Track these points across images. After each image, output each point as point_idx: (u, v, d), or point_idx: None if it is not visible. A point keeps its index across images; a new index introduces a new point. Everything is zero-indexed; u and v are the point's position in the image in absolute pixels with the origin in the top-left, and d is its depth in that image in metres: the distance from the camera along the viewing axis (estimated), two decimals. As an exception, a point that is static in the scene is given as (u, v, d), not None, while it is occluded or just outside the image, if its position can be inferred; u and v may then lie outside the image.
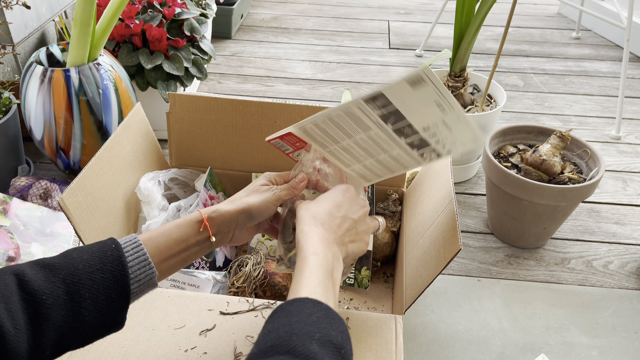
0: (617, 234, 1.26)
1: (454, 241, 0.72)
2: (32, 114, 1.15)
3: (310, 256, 0.55)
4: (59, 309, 0.48)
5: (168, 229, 0.59)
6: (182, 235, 0.59)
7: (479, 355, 0.96)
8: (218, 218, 0.62)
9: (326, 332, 0.48)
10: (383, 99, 0.61)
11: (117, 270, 0.52)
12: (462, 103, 1.37)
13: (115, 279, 0.52)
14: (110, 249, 0.53)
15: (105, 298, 0.51)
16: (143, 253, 0.55)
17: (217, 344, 0.68)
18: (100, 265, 0.52)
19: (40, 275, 0.49)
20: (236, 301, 0.75)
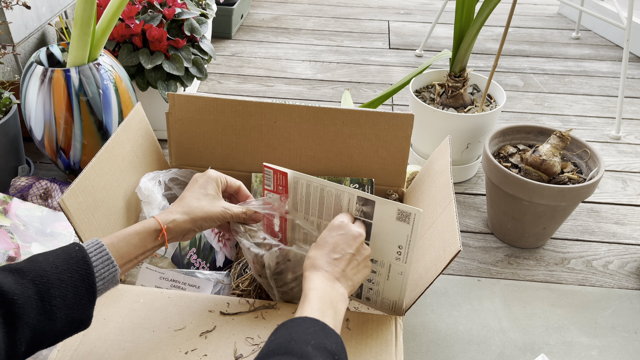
0: (617, 234, 1.26)
1: (454, 242, 0.72)
2: (33, 114, 1.15)
3: (309, 292, 0.61)
4: (31, 307, 0.52)
5: (128, 235, 0.64)
6: (141, 242, 0.65)
7: (479, 355, 0.96)
8: (174, 229, 0.67)
9: (321, 341, 0.53)
10: (370, 206, 0.70)
11: (83, 269, 0.56)
12: (462, 103, 1.37)
13: (81, 277, 0.56)
14: (75, 250, 0.58)
15: (74, 296, 0.55)
16: (106, 253, 0.59)
17: (218, 346, 0.69)
18: (66, 266, 0.56)
19: (9, 278, 0.52)
20: (236, 302, 0.75)
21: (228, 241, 1.03)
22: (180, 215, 0.68)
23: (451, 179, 0.85)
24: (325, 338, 0.54)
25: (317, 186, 0.74)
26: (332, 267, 0.65)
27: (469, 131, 1.31)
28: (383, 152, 1.02)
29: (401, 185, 1.07)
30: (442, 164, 0.92)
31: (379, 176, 1.05)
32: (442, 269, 0.71)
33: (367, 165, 1.04)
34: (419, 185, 1.00)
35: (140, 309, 0.73)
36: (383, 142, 1.01)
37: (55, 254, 0.57)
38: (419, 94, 1.43)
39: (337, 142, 1.02)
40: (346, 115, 0.99)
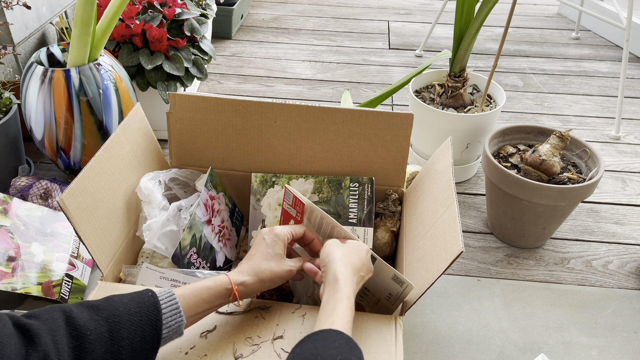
0: (617, 234, 1.26)
1: (456, 243, 0.72)
2: (33, 114, 1.15)
3: (345, 299, 0.63)
4: (100, 345, 0.53)
5: (199, 289, 0.65)
6: (211, 298, 0.66)
7: (479, 355, 0.96)
8: (243, 290, 0.68)
9: (346, 356, 0.54)
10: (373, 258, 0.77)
11: (153, 315, 0.58)
12: (462, 103, 1.37)
13: (150, 322, 0.58)
14: (148, 296, 0.60)
15: (141, 339, 0.56)
16: (175, 302, 0.61)
17: (218, 346, 0.69)
18: (138, 309, 0.58)
19: (85, 314, 0.54)
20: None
21: (228, 241, 1.03)
22: (251, 277, 0.69)
23: (453, 179, 0.85)
24: (350, 353, 0.55)
25: (329, 222, 0.80)
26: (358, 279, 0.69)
27: (468, 131, 1.31)
28: (383, 152, 1.02)
29: (401, 185, 1.07)
30: (443, 164, 0.92)
31: (379, 176, 1.05)
32: (444, 270, 0.71)
33: (366, 164, 1.04)
34: (420, 186, 1.00)
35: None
36: (383, 142, 1.01)
37: (130, 296, 0.59)
38: (418, 94, 1.43)
39: (337, 141, 1.02)
40: (346, 115, 0.99)
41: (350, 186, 1.02)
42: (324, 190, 1.03)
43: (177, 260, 0.90)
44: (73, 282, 0.99)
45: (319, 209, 0.81)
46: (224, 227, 1.02)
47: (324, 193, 1.03)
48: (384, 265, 0.77)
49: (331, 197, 1.02)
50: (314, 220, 0.84)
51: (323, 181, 1.03)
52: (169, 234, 0.91)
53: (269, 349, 0.68)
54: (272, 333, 0.71)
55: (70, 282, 0.98)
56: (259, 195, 1.04)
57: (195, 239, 0.92)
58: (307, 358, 0.53)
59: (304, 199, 0.83)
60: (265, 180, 1.04)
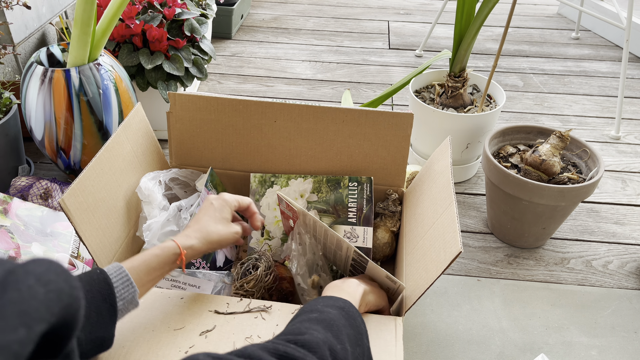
0: (617, 234, 1.26)
1: (454, 243, 0.72)
2: (33, 114, 1.15)
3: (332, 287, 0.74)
4: None
5: (148, 259, 0.67)
6: (160, 264, 0.68)
7: (479, 354, 0.96)
8: (191, 254, 0.72)
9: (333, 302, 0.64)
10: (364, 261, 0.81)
11: (105, 289, 0.60)
12: (462, 103, 1.37)
13: (103, 297, 0.59)
14: (97, 273, 0.61)
15: (97, 315, 0.58)
16: (125, 275, 0.63)
17: (217, 345, 0.69)
18: (89, 287, 0.59)
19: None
20: (236, 302, 0.75)
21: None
22: (198, 240, 0.73)
23: (452, 179, 0.85)
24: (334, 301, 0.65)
25: (322, 227, 0.83)
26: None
27: (468, 131, 1.31)
28: (383, 152, 1.02)
29: (401, 185, 1.07)
30: (442, 164, 0.92)
31: (379, 176, 1.05)
32: (443, 270, 0.71)
33: (367, 164, 1.04)
34: (419, 186, 1.00)
35: (140, 309, 0.73)
36: (383, 142, 1.01)
37: (79, 277, 0.60)
38: (418, 94, 1.43)
39: (337, 141, 1.02)
40: (346, 115, 0.99)
41: (349, 185, 1.02)
42: (323, 189, 1.03)
43: (177, 260, 0.90)
44: (73, 282, 0.98)
45: (311, 215, 0.83)
46: (224, 227, 1.02)
47: (323, 192, 1.03)
48: (377, 267, 0.80)
49: (330, 196, 1.02)
50: (308, 223, 0.86)
51: (322, 181, 1.03)
52: (169, 234, 0.91)
53: (269, 349, 0.68)
54: (272, 333, 0.71)
55: (70, 282, 0.98)
56: (258, 195, 1.04)
57: (196, 239, 0.92)
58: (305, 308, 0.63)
59: (296, 206, 0.85)
60: (264, 180, 1.04)
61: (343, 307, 0.64)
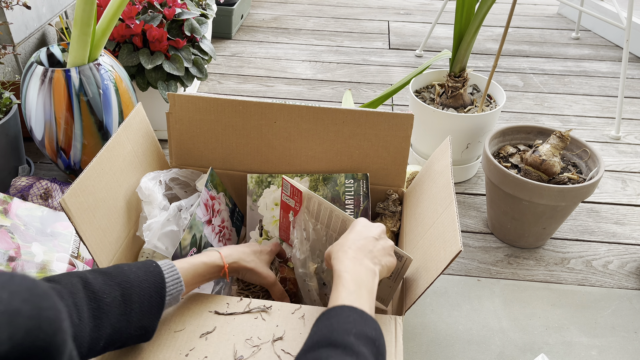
0: (617, 234, 1.26)
1: (454, 242, 0.72)
2: (33, 114, 1.15)
3: (342, 273, 0.65)
4: (116, 307, 0.58)
5: (196, 264, 0.72)
6: (206, 271, 0.73)
7: (479, 354, 0.96)
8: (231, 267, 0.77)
9: (361, 328, 0.56)
10: None
11: (158, 282, 0.64)
12: (462, 103, 1.37)
13: (156, 289, 0.63)
14: (152, 266, 0.65)
15: (149, 304, 0.62)
16: (176, 273, 0.67)
17: (218, 347, 0.69)
18: (145, 276, 0.63)
19: (99, 279, 0.59)
20: (236, 302, 0.75)
21: (229, 241, 1.03)
22: (241, 260, 0.78)
23: (452, 179, 0.85)
24: (364, 325, 0.57)
25: (327, 207, 0.83)
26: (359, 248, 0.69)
27: (468, 131, 1.31)
28: (383, 152, 1.02)
29: (401, 185, 1.07)
30: (442, 164, 0.92)
31: (379, 176, 1.05)
32: (443, 269, 0.71)
33: (367, 165, 1.04)
34: (419, 186, 1.00)
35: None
36: (383, 142, 1.01)
37: (136, 265, 0.64)
38: (418, 94, 1.43)
39: (337, 142, 1.02)
40: (346, 115, 0.99)
41: (346, 183, 1.02)
42: (320, 188, 1.03)
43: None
44: (73, 282, 0.99)
45: (317, 196, 0.84)
46: (224, 227, 1.02)
47: (320, 191, 1.03)
48: None
49: (327, 194, 1.02)
50: (312, 208, 0.86)
51: (318, 179, 1.03)
52: (169, 234, 0.91)
53: (269, 351, 0.68)
54: (272, 334, 0.71)
55: (70, 282, 0.98)
56: (255, 195, 1.04)
57: (196, 239, 0.92)
58: (324, 335, 0.55)
59: (301, 187, 0.85)
60: (261, 180, 1.04)
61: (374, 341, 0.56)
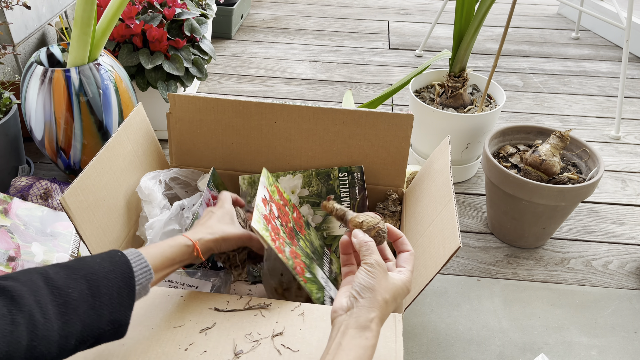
0: (617, 234, 1.26)
1: (453, 239, 0.72)
2: (33, 114, 1.16)
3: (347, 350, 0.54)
4: (83, 301, 0.54)
5: (162, 248, 0.68)
6: (173, 255, 0.68)
7: (479, 354, 0.96)
8: (204, 247, 0.73)
9: None
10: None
11: (126, 272, 0.59)
12: (462, 103, 1.37)
13: (124, 279, 0.59)
14: (118, 255, 0.61)
15: (118, 296, 0.57)
16: (144, 261, 0.63)
17: (217, 342, 0.69)
18: (112, 267, 0.59)
19: (62, 273, 0.55)
20: (236, 300, 0.75)
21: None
22: (206, 234, 0.74)
23: (451, 177, 0.85)
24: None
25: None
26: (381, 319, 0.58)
27: (468, 131, 1.31)
28: (383, 152, 1.02)
29: (401, 185, 1.07)
30: (441, 163, 0.92)
31: (379, 176, 1.05)
32: (442, 266, 0.71)
33: (366, 165, 1.04)
34: (419, 185, 1.00)
35: (140, 307, 0.73)
36: (383, 142, 1.01)
37: (101, 256, 0.60)
38: (418, 94, 1.43)
39: (337, 142, 1.02)
40: (346, 116, 0.99)
41: (340, 176, 1.02)
42: (314, 183, 1.03)
43: (177, 260, 0.90)
44: (73, 282, 0.99)
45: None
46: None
47: (314, 186, 1.03)
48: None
49: (321, 189, 1.03)
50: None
51: (312, 175, 1.03)
52: (170, 233, 0.91)
53: (268, 345, 0.68)
54: (271, 330, 0.71)
55: (70, 281, 0.98)
56: (249, 196, 1.04)
57: (196, 238, 0.92)
58: None
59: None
60: (253, 181, 1.04)
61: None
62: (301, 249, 0.89)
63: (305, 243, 0.92)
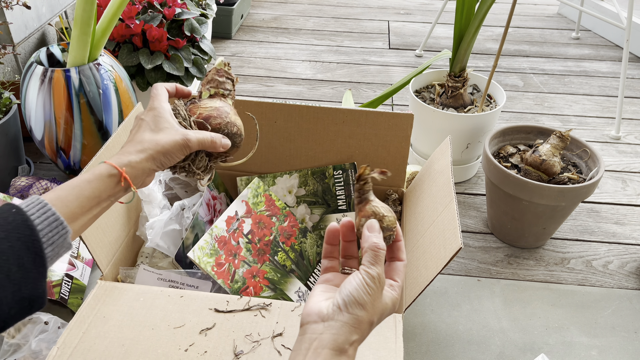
0: (617, 234, 1.26)
1: (455, 240, 0.72)
2: (33, 114, 1.15)
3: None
4: None
5: (77, 185, 0.53)
6: (95, 192, 0.54)
7: (479, 355, 0.96)
8: (131, 172, 0.56)
9: None
10: None
11: (26, 235, 0.47)
12: (462, 103, 1.37)
13: (25, 246, 0.46)
14: (12, 214, 0.47)
15: (19, 269, 0.46)
16: (52, 212, 0.49)
17: (217, 343, 0.69)
18: (4, 234, 0.46)
19: None
20: (235, 300, 0.75)
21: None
22: (135, 154, 0.57)
23: (452, 178, 0.85)
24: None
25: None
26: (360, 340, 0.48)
27: (468, 131, 1.31)
28: (383, 152, 1.02)
29: (401, 185, 1.07)
30: (442, 163, 0.92)
31: (379, 176, 1.05)
32: (443, 267, 0.71)
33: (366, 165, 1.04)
34: (419, 185, 1.00)
35: (140, 307, 0.73)
36: (383, 142, 1.01)
37: None
38: (418, 94, 1.43)
39: (337, 142, 1.02)
40: (346, 115, 0.99)
41: (335, 174, 1.02)
42: (310, 182, 1.03)
43: (180, 260, 0.90)
44: (73, 282, 0.99)
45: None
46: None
47: (310, 185, 1.03)
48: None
49: (317, 188, 1.03)
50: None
51: (307, 174, 1.03)
52: (170, 232, 0.91)
53: (269, 346, 0.68)
54: (271, 330, 0.71)
55: (70, 282, 0.98)
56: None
57: (198, 238, 0.92)
58: None
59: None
60: (250, 182, 1.04)
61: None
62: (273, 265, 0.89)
63: (285, 255, 0.92)
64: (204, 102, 0.65)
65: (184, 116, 0.63)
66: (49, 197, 0.50)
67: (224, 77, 0.68)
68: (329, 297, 0.50)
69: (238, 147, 0.67)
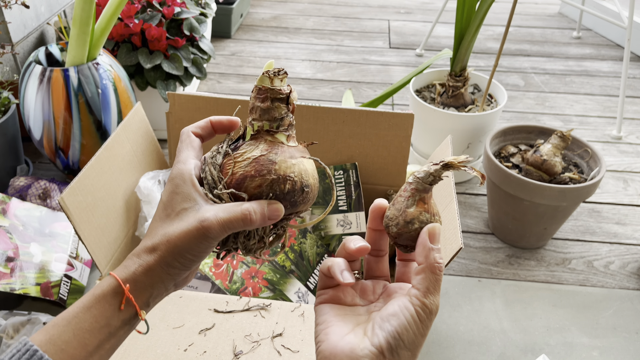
0: (618, 234, 1.26)
1: (455, 240, 0.72)
2: (31, 114, 1.15)
3: None
4: None
5: (74, 316, 0.39)
6: (99, 321, 0.39)
7: (480, 355, 0.96)
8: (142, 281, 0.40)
9: None
10: None
11: None
12: (463, 103, 1.37)
13: None
14: None
15: None
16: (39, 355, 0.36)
17: (217, 343, 0.68)
18: None
19: None
20: (235, 300, 0.75)
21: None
22: (146, 256, 0.40)
23: (452, 177, 0.84)
24: None
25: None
26: None
27: (469, 131, 1.31)
28: (383, 152, 1.02)
29: (401, 185, 1.07)
30: (442, 163, 0.91)
31: (379, 176, 1.05)
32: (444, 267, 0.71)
33: (367, 164, 1.03)
34: (420, 185, 0.99)
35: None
36: (383, 142, 1.01)
37: None
38: (419, 94, 1.42)
39: (337, 141, 1.02)
40: (346, 115, 0.99)
41: (335, 175, 1.02)
42: None
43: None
44: (72, 283, 0.98)
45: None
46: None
47: None
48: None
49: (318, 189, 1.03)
50: None
51: None
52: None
53: (268, 346, 0.68)
54: (271, 331, 0.70)
55: (69, 282, 0.98)
56: None
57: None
58: None
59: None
60: None
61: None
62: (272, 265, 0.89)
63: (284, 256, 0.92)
64: (243, 149, 0.44)
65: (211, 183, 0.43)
66: (40, 340, 0.37)
67: (268, 100, 0.43)
68: (354, 325, 0.39)
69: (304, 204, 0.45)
